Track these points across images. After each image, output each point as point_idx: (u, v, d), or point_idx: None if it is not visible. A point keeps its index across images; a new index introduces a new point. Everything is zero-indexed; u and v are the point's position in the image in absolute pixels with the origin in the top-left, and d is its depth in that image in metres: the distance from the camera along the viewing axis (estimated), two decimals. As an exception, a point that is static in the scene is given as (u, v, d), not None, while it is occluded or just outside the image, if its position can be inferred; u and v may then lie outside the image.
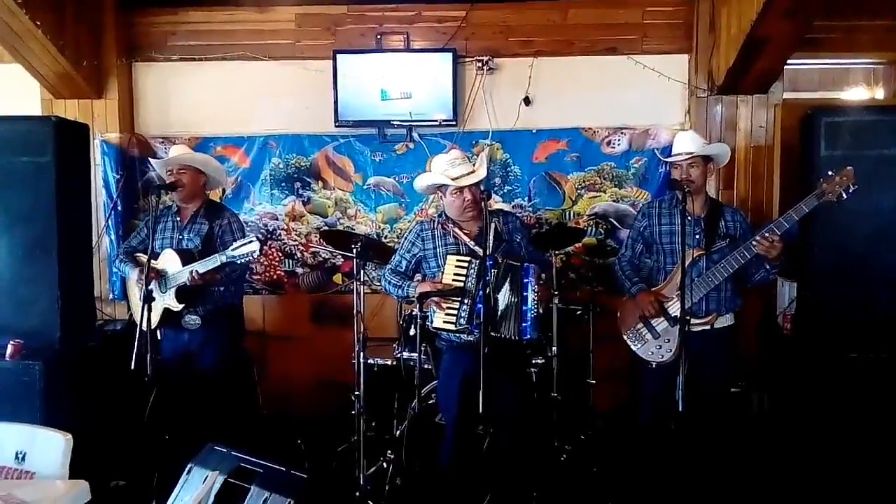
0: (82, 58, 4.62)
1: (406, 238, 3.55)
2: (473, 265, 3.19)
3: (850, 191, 3.09)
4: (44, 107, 4.88)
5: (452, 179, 3.28)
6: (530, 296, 3.18)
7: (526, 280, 3.19)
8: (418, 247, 3.44)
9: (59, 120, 3.97)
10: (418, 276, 3.49)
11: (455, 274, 3.22)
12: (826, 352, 3.62)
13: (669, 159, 3.53)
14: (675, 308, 3.37)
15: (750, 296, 4.62)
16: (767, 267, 3.33)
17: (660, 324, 3.43)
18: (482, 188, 3.31)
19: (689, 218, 3.42)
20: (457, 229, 3.34)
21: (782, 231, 3.20)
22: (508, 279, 3.18)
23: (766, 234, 3.19)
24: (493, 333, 3.12)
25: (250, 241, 3.44)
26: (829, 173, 3.14)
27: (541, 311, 3.25)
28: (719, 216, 3.49)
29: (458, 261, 3.24)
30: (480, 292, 3.11)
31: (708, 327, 3.37)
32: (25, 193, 3.79)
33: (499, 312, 3.16)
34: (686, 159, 3.43)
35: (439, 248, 3.38)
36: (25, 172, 3.78)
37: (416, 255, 3.45)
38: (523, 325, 3.19)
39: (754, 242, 3.21)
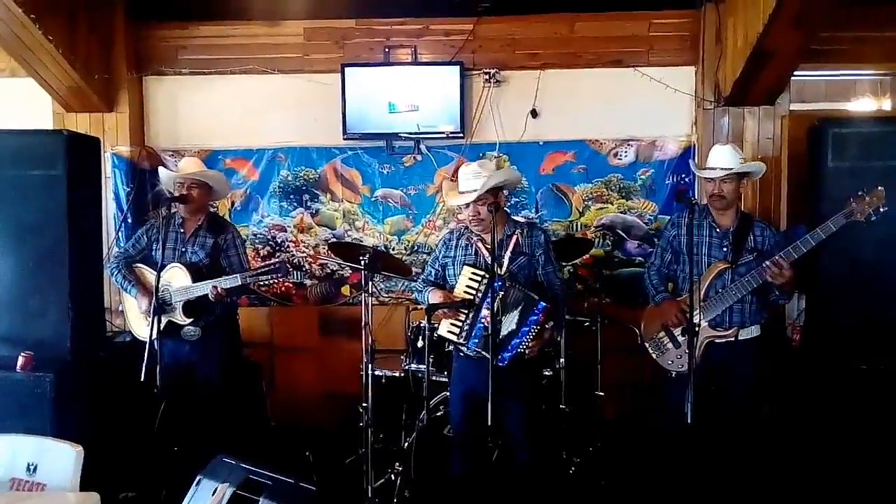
0: (93, 71, 4.67)
1: (437, 246, 3.54)
2: (483, 280, 3.16)
3: (881, 211, 3.07)
4: (55, 120, 4.93)
5: (451, 198, 3.29)
6: (528, 332, 3.09)
7: (533, 317, 3.08)
8: (443, 253, 3.43)
9: (71, 133, 4.01)
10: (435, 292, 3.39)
11: (467, 286, 3.20)
12: (835, 363, 3.61)
13: (706, 174, 3.47)
14: (696, 319, 3.36)
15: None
16: (776, 293, 3.34)
17: (681, 333, 3.42)
18: (495, 198, 3.22)
19: (718, 230, 3.43)
20: (479, 242, 3.32)
21: (808, 248, 3.16)
22: (520, 308, 3.10)
23: (776, 261, 3.17)
24: (483, 351, 3.09)
25: (276, 265, 3.56)
26: (860, 193, 3.11)
27: (526, 353, 3.14)
28: (749, 230, 3.46)
29: (472, 273, 3.20)
30: (484, 311, 3.09)
31: (732, 339, 3.36)
32: (37, 206, 3.82)
33: (499, 336, 3.09)
34: (721, 175, 3.41)
35: (459, 256, 3.35)
36: (37, 185, 3.81)
37: (443, 262, 3.42)
38: (505, 353, 3.09)
39: (763, 270, 3.20)
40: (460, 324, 3.22)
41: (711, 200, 3.44)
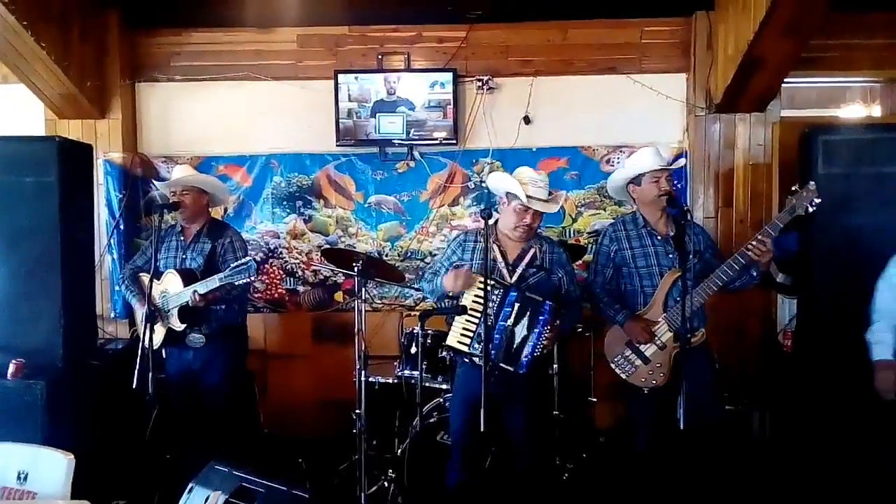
0: (86, 78, 4.66)
1: (449, 246, 3.49)
2: (497, 291, 3.14)
3: (815, 203, 3.13)
4: (48, 127, 4.91)
5: (526, 196, 3.22)
6: (541, 333, 3.12)
7: (542, 317, 3.11)
8: (457, 255, 3.39)
9: (63, 140, 4.00)
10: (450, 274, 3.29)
11: (476, 295, 3.17)
12: (827, 369, 3.62)
13: (671, 167, 3.46)
14: (661, 330, 3.35)
15: (750, 314, 4.66)
16: (754, 273, 3.29)
17: (648, 349, 3.38)
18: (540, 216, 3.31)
19: (659, 238, 3.41)
20: (497, 248, 3.32)
21: (771, 238, 3.20)
22: (528, 314, 3.12)
23: (761, 239, 3.17)
24: (502, 364, 3.11)
25: (246, 264, 3.44)
26: (794, 188, 3.18)
27: (544, 353, 3.19)
28: (684, 233, 3.46)
29: (482, 282, 3.20)
30: (501, 324, 3.10)
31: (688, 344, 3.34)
32: (29, 213, 3.81)
33: (514, 345, 3.12)
34: (664, 172, 3.41)
35: (476, 261, 3.31)
36: (29, 192, 3.81)
37: (455, 263, 3.37)
38: (522, 359, 3.13)
39: (749, 249, 3.20)
40: (471, 335, 3.19)
41: (663, 199, 3.35)
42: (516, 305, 3.12)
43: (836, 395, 3.57)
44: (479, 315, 3.14)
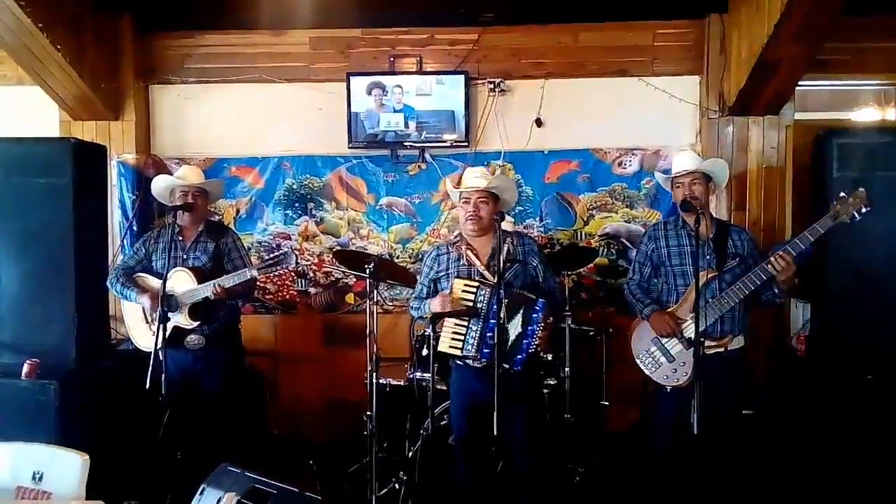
0: (100, 80, 4.70)
1: (424, 264, 3.51)
2: (482, 291, 3.16)
3: (863, 211, 3.08)
4: (62, 128, 4.95)
5: (455, 187, 3.34)
6: (534, 331, 3.12)
7: (535, 315, 3.11)
8: (434, 269, 3.41)
9: (77, 142, 4.03)
10: (437, 299, 3.34)
11: (462, 299, 3.17)
12: (841, 374, 3.60)
13: (674, 174, 3.48)
14: (690, 330, 3.33)
15: (763, 317, 4.62)
16: (776, 290, 3.28)
17: (674, 346, 3.38)
18: (499, 210, 3.28)
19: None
20: (469, 252, 3.33)
21: (797, 252, 3.18)
22: (521, 312, 3.12)
23: (782, 254, 3.16)
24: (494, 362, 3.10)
25: (285, 253, 3.58)
26: (842, 195, 3.12)
27: (538, 350, 3.19)
28: (727, 236, 3.45)
29: (465, 285, 3.19)
30: (492, 322, 3.09)
31: (722, 350, 3.33)
32: (43, 214, 3.84)
33: (509, 343, 3.11)
34: (687, 176, 3.42)
35: (451, 270, 3.33)
36: (43, 193, 3.83)
37: (433, 278, 3.41)
38: (518, 356, 3.12)
39: (769, 263, 3.19)
40: (462, 338, 3.19)
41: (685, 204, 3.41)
42: (504, 302, 3.08)
43: (848, 399, 3.54)
44: (467, 318, 3.16)
